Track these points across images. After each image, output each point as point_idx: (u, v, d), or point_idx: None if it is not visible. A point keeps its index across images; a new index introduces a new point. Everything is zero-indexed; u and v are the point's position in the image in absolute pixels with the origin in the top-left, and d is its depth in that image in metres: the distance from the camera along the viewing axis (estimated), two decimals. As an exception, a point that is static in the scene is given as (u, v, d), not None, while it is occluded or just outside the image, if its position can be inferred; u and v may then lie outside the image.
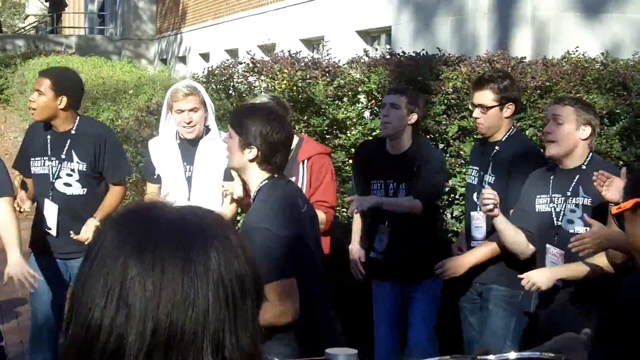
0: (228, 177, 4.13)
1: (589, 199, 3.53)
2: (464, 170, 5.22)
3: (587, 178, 3.50)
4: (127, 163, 4.77)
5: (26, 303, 6.26)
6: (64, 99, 4.25)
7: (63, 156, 4.32)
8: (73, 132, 4.36)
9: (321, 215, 4.20)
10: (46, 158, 4.34)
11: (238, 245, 1.03)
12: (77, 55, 18.25)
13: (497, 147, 3.99)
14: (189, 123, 4.12)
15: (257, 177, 2.97)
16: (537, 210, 3.68)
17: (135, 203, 1.10)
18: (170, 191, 4.09)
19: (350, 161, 5.71)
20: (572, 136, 3.57)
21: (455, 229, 5.13)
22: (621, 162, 5.16)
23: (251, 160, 2.94)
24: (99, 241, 1.01)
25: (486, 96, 3.94)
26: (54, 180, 4.31)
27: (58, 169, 4.32)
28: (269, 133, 2.92)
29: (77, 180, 4.32)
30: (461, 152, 5.30)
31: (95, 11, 30.74)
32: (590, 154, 3.64)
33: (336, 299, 5.20)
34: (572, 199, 3.58)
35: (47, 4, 29.98)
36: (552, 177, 3.67)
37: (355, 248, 4.40)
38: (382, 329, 4.39)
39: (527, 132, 5.19)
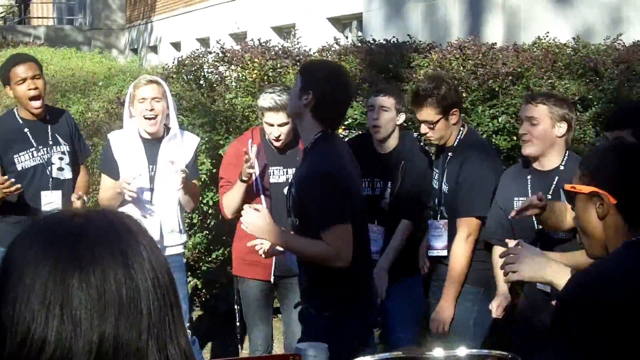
0: (192, 173, 4.12)
1: None
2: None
3: (567, 178, 3.46)
4: (87, 147, 4.84)
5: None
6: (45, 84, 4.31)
7: (50, 142, 4.26)
8: (48, 117, 4.31)
9: None
10: (33, 149, 4.25)
11: (155, 244, 1.05)
12: (46, 46, 18.01)
13: (450, 154, 3.94)
14: (151, 111, 4.03)
15: (310, 127, 3.10)
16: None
17: (50, 213, 1.06)
18: (132, 185, 4.00)
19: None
20: (549, 134, 3.51)
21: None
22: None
23: (305, 106, 3.06)
24: (18, 255, 0.98)
25: (428, 113, 3.86)
26: (49, 168, 4.25)
27: (50, 156, 4.26)
28: (328, 83, 3.07)
29: (67, 164, 4.31)
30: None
31: (64, 1, 30.36)
32: (567, 152, 3.59)
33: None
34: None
35: (15, -6, 29.52)
36: (529, 178, 3.61)
37: None
38: None
39: (499, 120, 5.18)
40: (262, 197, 4.10)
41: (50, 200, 4.21)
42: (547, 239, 3.48)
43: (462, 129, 3.97)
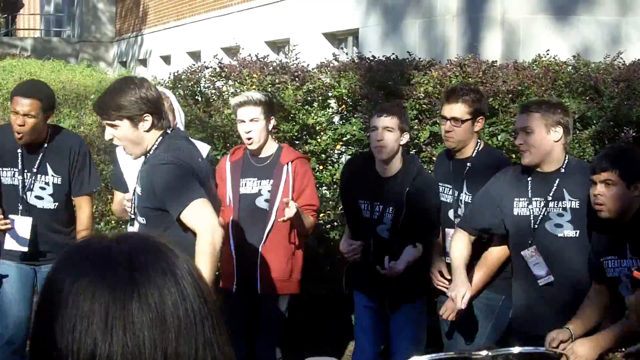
0: None
1: (577, 202, 3.57)
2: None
3: (569, 181, 3.58)
4: (97, 176, 4.71)
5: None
6: (51, 115, 4.34)
7: (35, 169, 4.29)
8: (46, 145, 4.33)
9: (310, 220, 4.29)
10: (16, 170, 4.28)
11: (190, 260, 1.11)
12: (33, 58, 18.04)
13: (469, 164, 4.01)
14: None
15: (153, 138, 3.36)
16: (515, 213, 3.70)
17: (86, 239, 1.11)
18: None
19: (321, 167, 5.75)
20: (545, 141, 3.58)
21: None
22: (594, 167, 5.27)
23: (147, 130, 3.34)
24: (68, 284, 1.02)
25: (460, 109, 3.95)
26: (24, 194, 4.27)
27: (31, 182, 4.29)
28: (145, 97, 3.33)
29: (50, 194, 4.31)
30: (433, 158, 5.35)
31: (52, 12, 30.41)
32: (566, 156, 3.68)
33: (310, 308, 5.25)
34: (557, 203, 3.60)
35: (1, 4, 29.56)
36: (529, 180, 3.69)
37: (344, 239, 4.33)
38: (363, 338, 4.39)
39: (499, 137, 5.27)
40: (231, 206, 4.28)
41: (21, 225, 4.23)
42: (547, 239, 3.58)
43: (479, 141, 4.06)
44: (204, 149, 4.38)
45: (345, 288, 4.34)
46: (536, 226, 3.62)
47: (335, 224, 5.45)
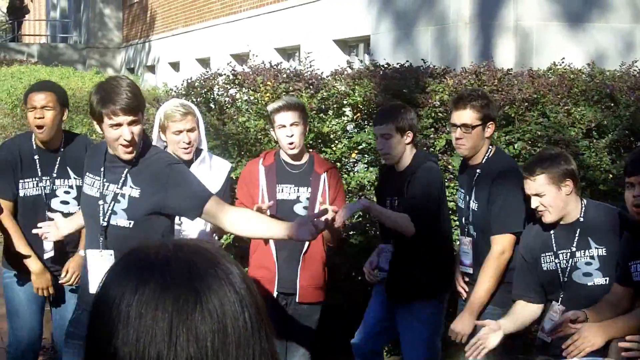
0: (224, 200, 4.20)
1: (603, 249, 3.57)
2: (452, 184, 5.31)
3: (591, 229, 3.58)
4: None
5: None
6: (66, 113, 4.31)
7: (54, 174, 4.28)
8: (63, 147, 4.32)
9: (339, 231, 4.35)
10: (37, 179, 4.30)
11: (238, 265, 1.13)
12: (40, 64, 18.16)
13: (478, 171, 4.04)
14: (188, 143, 4.12)
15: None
16: (543, 268, 3.69)
17: (140, 248, 1.11)
18: None
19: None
20: (559, 199, 3.56)
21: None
22: (611, 175, 5.30)
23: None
24: (128, 296, 1.03)
25: (469, 115, 3.96)
26: (50, 201, 4.27)
27: (53, 188, 4.28)
28: None
29: (74, 198, 4.28)
30: (449, 166, 5.39)
31: (58, 18, 30.56)
32: (583, 202, 3.65)
33: (331, 318, 5.27)
34: (583, 252, 3.59)
35: (7, 11, 29.72)
36: (552, 233, 3.68)
37: (372, 259, 4.45)
38: (364, 330, 4.44)
39: (515, 146, 5.30)
40: (269, 214, 4.23)
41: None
42: (573, 292, 3.58)
43: (490, 147, 4.08)
44: (224, 167, 4.35)
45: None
46: (565, 279, 3.62)
47: (352, 232, 5.48)
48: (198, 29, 17.31)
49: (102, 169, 3.44)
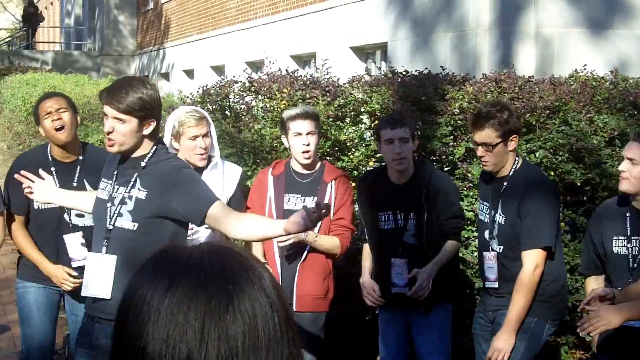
0: (237, 205, 4.18)
1: None
2: (471, 193, 5.28)
3: None
4: None
5: (7, 330, 6.25)
6: (78, 118, 4.37)
7: (75, 185, 4.27)
8: (82, 158, 4.34)
9: (334, 241, 4.28)
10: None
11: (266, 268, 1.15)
12: (54, 71, 18.27)
13: (505, 184, 4.02)
14: (204, 149, 4.12)
15: (148, 145, 3.38)
16: (614, 251, 3.70)
17: (170, 250, 1.13)
18: None
19: (354, 184, 5.76)
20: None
21: (461, 255, 5.19)
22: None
23: (146, 136, 3.35)
24: (159, 296, 1.04)
25: (489, 135, 3.94)
26: (67, 214, 4.29)
27: None
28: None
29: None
30: (468, 175, 5.35)
31: (72, 25, 30.78)
32: None
33: (340, 329, 5.25)
34: None
35: (21, 18, 29.96)
36: (628, 216, 3.68)
37: (367, 280, 4.41)
38: (390, 356, 4.42)
39: (537, 154, 5.26)
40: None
41: (73, 243, 4.26)
42: None
43: (517, 159, 4.05)
44: (236, 172, 4.37)
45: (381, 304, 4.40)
46: (635, 265, 3.62)
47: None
48: (213, 36, 17.37)
49: (115, 172, 3.45)
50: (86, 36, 27.28)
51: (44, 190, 3.74)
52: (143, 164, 3.36)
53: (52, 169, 4.24)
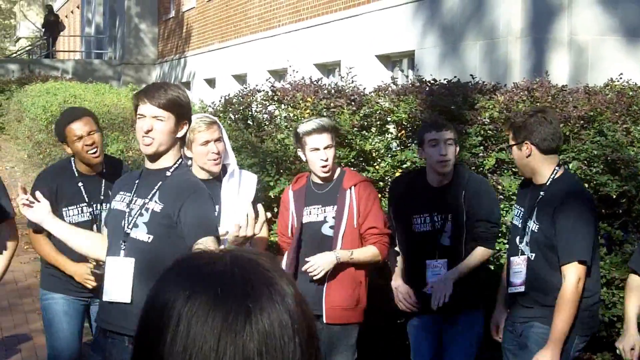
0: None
1: None
2: (501, 205, 5.21)
3: None
4: None
5: (30, 339, 6.29)
6: (101, 132, 4.43)
7: (102, 197, 4.35)
8: (105, 170, 4.39)
9: (372, 251, 4.28)
10: (84, 204, 4.32)
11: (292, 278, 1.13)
12: (75, 80, 18.43)
13: (542, 193, 4.01)
14: (217, 154, 4.11)
15: (176, 153, 3.41)
16: None
17: (194, 258, 1.11)
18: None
19: (379, 195, 5.72)
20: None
21: (491, 267, 5.13)
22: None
23: (179, 139, 3.38)
24: (179, 305, 1.04)
25: (507, 134, 4.05)
26: (97, 225, 4.31)
27: (99, 212, 4.35)
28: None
29: None
30: (499, 187, 5.29)
31: (92, 34, 31.06)
32: None
33: (370, 339, 5.19)
34: None
35: (42, 27, 30.29)
36: None
37: (401, 284, 4.47)
38: None
39: (570, 166, 5.19)
40: (294, 238, 4.32)
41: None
42: None
43: (557, 168, 4.02)
44: (251, 179, 4.34)
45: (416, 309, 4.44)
46: None
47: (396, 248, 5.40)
48: (235, 45, 17.43)
49: (136, 182, 3.45)
50: (107, 45, 27.49)
51: (34, 212, 3.66)
52: (168, 173, 3.36)
53: (80, 184, 4.28)
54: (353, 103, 6.07)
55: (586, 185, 5.14)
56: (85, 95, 12.18)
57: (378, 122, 5.96)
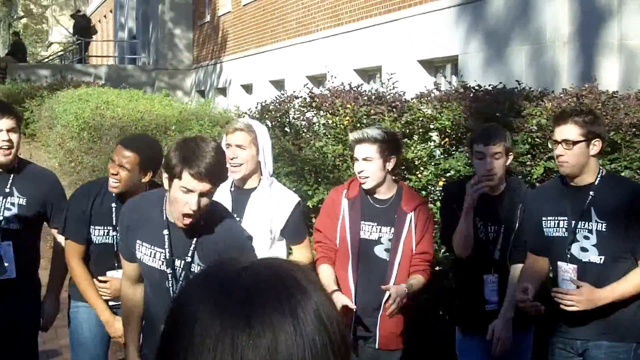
0: (291, 238, 4.19)
1: None
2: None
3: None
4: None
5: (59, 355, 6.34)
6: (149, 175, 4.24)
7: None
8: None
9: (421, 281, 4.20)
10: (110, 227, 4.36)
11: (328, 297, 1.11)
12: (108, 86, 18.64)
13: (592, 193, 3.92)
14: (232, 159, 4.06)
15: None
16: None
17: (219, 264, 1.13)
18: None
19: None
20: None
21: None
22: None
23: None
24: (189, 310, 1.06)
25: (570, 130, 3.85)
26: (117, 251, 4.36)
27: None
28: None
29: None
30: (547, 197, 5.27)
31: (126, 39, 31.39)
32: None
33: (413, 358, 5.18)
34: None
35: (74, 32, 30.68)
36: None
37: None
38: None
39: (622, 175, 5.15)
40: (350, 253, 4.19)
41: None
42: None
43: (600, 168, 3.96)
44: (289, 201, 4.24)
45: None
46: None
47: (437, 268, 5.38)
48: (272, 50, 17.52)
49: (166, 235, 3.39)
50: (140, 50, 27.77)
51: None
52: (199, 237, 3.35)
53: (113, 205, 4.31)
54: (394, 110, 6.08)
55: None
56: (118, 102, 12.31)
57: (420, 130, 5.96)
